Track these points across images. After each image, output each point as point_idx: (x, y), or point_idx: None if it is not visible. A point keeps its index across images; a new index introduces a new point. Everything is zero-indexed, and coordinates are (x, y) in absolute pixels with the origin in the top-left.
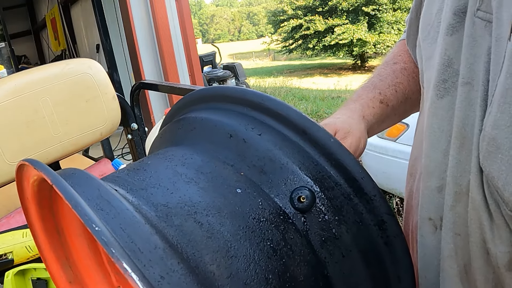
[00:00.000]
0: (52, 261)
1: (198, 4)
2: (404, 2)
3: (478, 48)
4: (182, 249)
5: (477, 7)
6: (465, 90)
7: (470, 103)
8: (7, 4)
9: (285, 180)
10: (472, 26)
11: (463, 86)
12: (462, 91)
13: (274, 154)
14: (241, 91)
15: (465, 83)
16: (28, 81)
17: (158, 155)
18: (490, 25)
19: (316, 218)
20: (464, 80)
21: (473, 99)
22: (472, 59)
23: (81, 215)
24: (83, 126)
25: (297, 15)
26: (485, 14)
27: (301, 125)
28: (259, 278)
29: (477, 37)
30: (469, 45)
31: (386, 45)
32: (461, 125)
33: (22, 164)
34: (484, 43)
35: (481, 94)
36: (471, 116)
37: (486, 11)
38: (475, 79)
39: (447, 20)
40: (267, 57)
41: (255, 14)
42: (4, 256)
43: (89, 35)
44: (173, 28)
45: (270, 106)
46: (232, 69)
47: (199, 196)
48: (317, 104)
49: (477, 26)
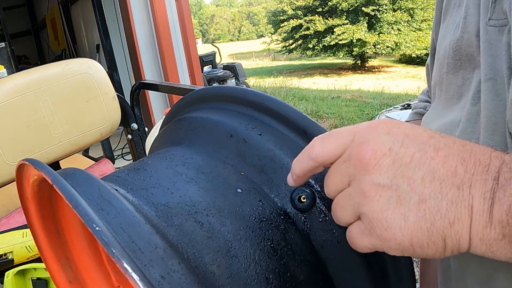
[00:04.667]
0: (52, 261)
1: (198, 4)
2: (404, 2)
3: (495, 49)
4: (183, 249)
5: (489, 17)
6: (489, 85)
7: (497, 93)
8: (7, 4)
9: (285, 180)
10: (486, 34)
11: (486, 82)
12: (487, 85)
13: (275, 154)
14: (241, 91)
15: (488, 79)
16: (28, 81)
17: (158, 155)
18: (503, 29)
19: (316, 218)
20: (487, 76)
21: (499, 89)
22: (491, 59)
23: (82, 215)
24: (83, 126)
25: (297, 15)
26: (497, 21)
27: (301, 125)
28: (260, 278)
29: (492, 41)
30: (486, 49)
31: (385, 45)
32: (490, 114)
33: (22, 164)
34: (501, 44)
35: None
36: (500, 104)
37: (497, 19)
38: (497, 74)
39: None
40: (267, 57)
41: (255, 14)
42: (4, 256)
43: (89, 35)
44: (173, 28)
45: (271, 106)
46: (232, 69)
47: (200, 196)
48: (317, 104)
49: (491, 33)
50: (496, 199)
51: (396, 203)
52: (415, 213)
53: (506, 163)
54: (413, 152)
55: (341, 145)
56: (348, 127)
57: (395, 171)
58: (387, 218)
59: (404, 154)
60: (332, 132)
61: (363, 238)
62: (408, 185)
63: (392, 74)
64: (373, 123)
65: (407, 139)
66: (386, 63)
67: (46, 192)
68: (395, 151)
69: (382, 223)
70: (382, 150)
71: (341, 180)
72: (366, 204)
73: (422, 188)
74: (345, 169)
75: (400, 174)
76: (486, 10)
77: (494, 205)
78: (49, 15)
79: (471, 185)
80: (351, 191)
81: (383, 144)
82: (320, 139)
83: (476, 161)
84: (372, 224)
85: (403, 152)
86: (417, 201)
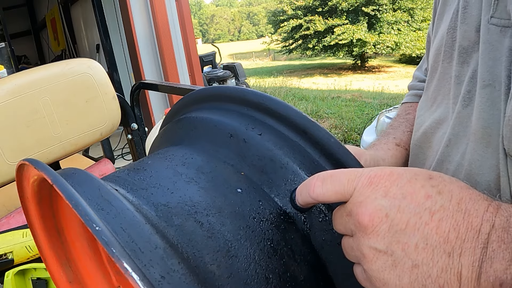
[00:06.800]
0: (52, 261)
1: (198, 4)
2: (404, 2)
3: (496, 51)
4: (183, 249)
5: (491, 14)
6: (486, 92)
7: (494, 102)
8: (7, 4)
9: (285, 180)
10: (487, 33)
11: (483, 88)
12: (484, 93)
13: (275, 154)
14: (241, 91)
15: (486, 85)
16: (28, 81)
17: (158, 155)
18: (505, 30)
19: (316, 218)
20: (485, 82)
21: (496, 98)
22: (491, 62)
23: (82, 214)
24: (83, 126)
25: (297, 15)
26: (499, 20)
27: (301, 125)
28: (260, 278)
29: (493, 42)
30: (486, 51)
31: (385, 45)
32: (486, 124)
33: (22, 164)
34: (502, 46)
35: (504, 92)
36: (496, 114)
37: (500, 18)
38: (496, 80)
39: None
40: (267, 57)
41: (255, 14)
42: (4, 256)
43: (89, 35)
44: (173, 28)
45: (271, 106)
46: (232, 69)
47: (200, 196)
48: (317, 104)
49: (492, 32)
50: (483, 269)
51: (392, 265)
52: (408, 275)
53: (496, 228)
54: (409, 217)
55: (340, 192)
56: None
57: (391, 238)
58: (383, 277)
59: (400, 220)
60: (333, 175)
61: (365, 283)
62: (402, 251)
63: (392, 74)
64: (374, 179)
65: (404, 202)
66: (386, 63)
67: (46, 192)
68: (391, 218)
69: (380, 280)
70: (379, 216)
71: (345, 229)
72: (365, 263)
73: (416, 255)
74: (347, 223)
75: (395, 240)
76: (489, 5)
77: (482, 275)
78: (49, 15)
79: (461, 253)
80: (353, 245)
81: (380, 211)
82: (321, 179)
83: (468, 224)
84: (371, 278)
85: (399, 218)
86: (410, 266)
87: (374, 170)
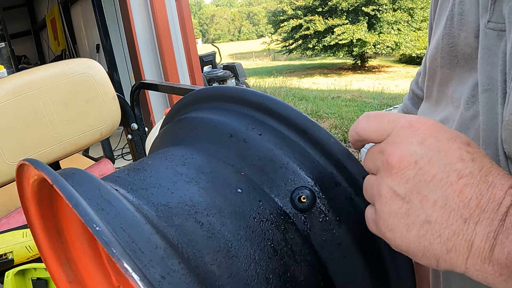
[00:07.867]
0: (52, 261)
1: (198, 4)
2: (404, 2)
3: (493, 56)
4: (183, 249)
5: (488, 19)
6: (486, 96)
7: (492, 106)
8: (7, 4)
9: (285, 180)
10: (485, 38)
11: (484, 93)
12: (484, 97)
13: (275, 154)
14: (241, 91)
15: (486, 90)
16: (28, 81)
17: (158, 155)
18: (501, 34)
19: (316, 218)
20: (484, 87)
21: (494, 101)
22: (489, 67)
23: (82, 215)
24: (83, 126)
25: (297, 15)
26: (496, 24)
27: (301, 125)
28: (260, 278)
29: (491, 47)
30: (485, 56)
31: (386, 45)
32: (485, 127)
33: (22, 164)
34: (499, 50)
35: (501, 96)
36: (494, 117)
37: (497, 22)
38: (494, 84)
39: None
40: (267, 57)
41: (255, 14)
42: (4, 256)
43: (89, 35)
44: (173, 28)
45: (271, 106)
46: (232, 69)
47: (200, 196)
48: (317, 104)
49: (489, 36)
50: (499, 240)
51: (405, 214)
52: (418, 228)
53: None
54: (436, 172)
55: (380, 131)
56: (393, 116)
57: (413, 186)
58: (393, 222)
59: (428, 171)
60: (379, 114)
61: (372, 225)
62: (419, 202)
63: (392, 74)
64: (414, 123)
65: (437, 156)
66: (386, 63)
67: (46, 192)
68: (419, 166)
69: (387, 224)
70: (409, 161)
71: (373, 166)
72: (379, 203)
73: (431, 211)
74: (376, 159)
75: (416, 189)
76: (485, 10)
77: (496, 246)
78: (49, 15)
79: (478, 222)
80: (373, 183)
81: (411, 156)
82: (367, 116)
83: (491, 196)
84: (379, 220)
85: (427, 169)
86: (423, 220)
87: (417, 117)
